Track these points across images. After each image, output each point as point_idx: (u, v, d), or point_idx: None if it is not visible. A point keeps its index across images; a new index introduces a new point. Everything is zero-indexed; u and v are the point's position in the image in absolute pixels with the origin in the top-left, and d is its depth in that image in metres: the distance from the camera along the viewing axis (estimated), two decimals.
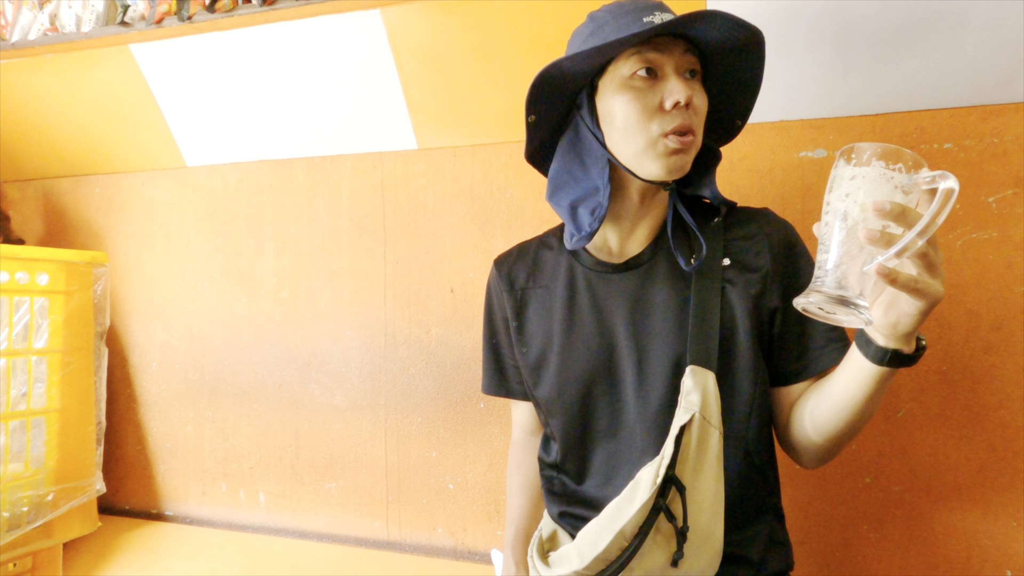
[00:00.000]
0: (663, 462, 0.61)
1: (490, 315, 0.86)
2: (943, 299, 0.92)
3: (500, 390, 0.87)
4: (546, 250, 0.82)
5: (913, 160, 0.45)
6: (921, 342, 0.53)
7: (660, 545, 0.62)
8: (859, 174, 0.46)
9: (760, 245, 0.70)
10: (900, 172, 0.45)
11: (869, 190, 0.46)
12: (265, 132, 1.32)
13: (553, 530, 0.78)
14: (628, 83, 0.66)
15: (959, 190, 0.43)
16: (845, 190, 0.47)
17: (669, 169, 0.66)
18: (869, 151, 0.46)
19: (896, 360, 0.52)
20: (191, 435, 1.43)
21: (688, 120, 0.65)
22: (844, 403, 0.59)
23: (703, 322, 0.67)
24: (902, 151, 0.46)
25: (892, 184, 0.45)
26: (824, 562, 1.01)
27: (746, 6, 0.93)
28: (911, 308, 0.47)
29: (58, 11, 1.30)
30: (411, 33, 1.10)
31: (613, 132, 0.68)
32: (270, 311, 1.36)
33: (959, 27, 0.87)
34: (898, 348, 0.51)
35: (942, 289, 0.46)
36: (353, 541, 1.29)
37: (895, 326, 0.49)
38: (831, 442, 0.64)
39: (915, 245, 0.43)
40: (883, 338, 0.51)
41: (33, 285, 1.19)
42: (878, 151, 0.46)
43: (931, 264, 0.45)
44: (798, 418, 0.68)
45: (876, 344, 0.52)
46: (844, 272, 0.47)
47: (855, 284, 0.47)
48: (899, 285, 0.44)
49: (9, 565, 1.11)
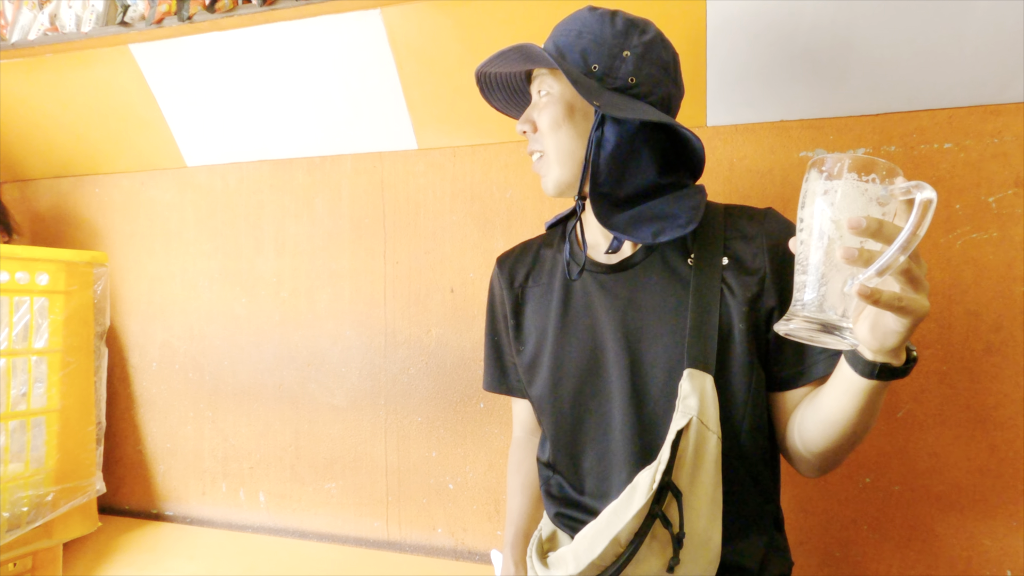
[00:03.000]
0: (659, 467, 0.60)
1: (492, 312, 0.86)
2: (943, 299, 0.93)
3: (501, 387, 0.87)
4: (547, 249, 0.83)
5: (887, 169, 0.43)
6: (912, 353, 0.51)
7: (656, 552, 0.61)
8: (831, 188, 0.44)
9: (759, 246, 0.69)
10: (874, 183, 0.43)
11: (843, 205, 0.44)
12: (265, 132, 1.32)
13: (552, 531, 0.78)
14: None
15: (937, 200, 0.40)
16: (819, 206, 0.45)
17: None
18: (840, 163, 0.44)
19: (886, 373, 0.50)
20: (191, 435, 1.43)
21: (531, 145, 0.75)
22: (835, 418, 0.57)
23: (701, 323, 0.66)
24: (875, 160, 0.43)
25: (867, 197, 0.43)
26: (824, 562, 1.01)
27: (747, 7, 0.93)
28: (897, 325, 0.45)
29: (58, 11, 1.30)
30: (411, 33, 1.10)
31: None
32: (270, 311, 1.36)
33: (959, 27, 0.87)
34: (887, 361, 0.50)
35: (927, 303, 0.44)
36: (353, 541, 1.29)
37: (882, 342, 0.48)
38: (821, 458, 0.63)
39: (896, 262, 0.41)
40: (871, 353, 0.50)
41: (33, 285, 1.19)
42: (848, 162, 0.44)
43: (914, 279, 0.44)
44: (792, 430, 0.67)
45: (864, 359, 0.51)
46: (824, 293, 0.45)
47: (837, 304, 0.45)
48: (882, 305, 0.43)
49: (9, 565, 1.11)
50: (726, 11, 0.94)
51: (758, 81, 0.97)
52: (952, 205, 0.94)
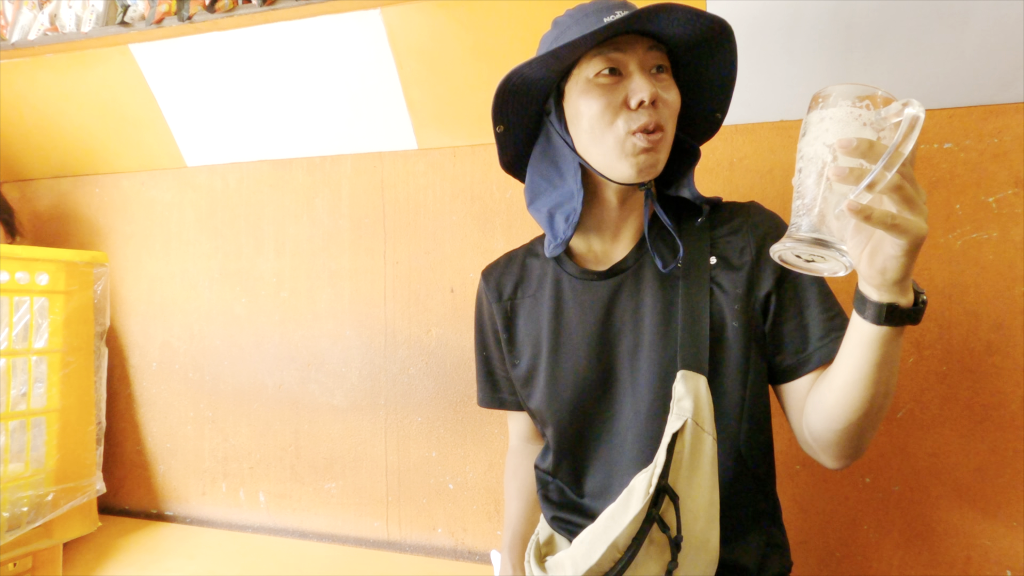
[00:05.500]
0: (655, 470, 0.60)
1: (480, 327, 0.85)
2: (943, 299, 0.93)
3: (494, 402, 0.86)
4: (533, 258, 0.81)
5: (883, 98, 0.44)
6: (921, 296, 0.50)
7: (654, 555, 0.61)
8: (827, 116, 0.46)
9: (746, 239, 0.69)
10: (868, 109, 0.44)
11: (836, 130, 0.45)
12: (265, 132, 1.32)
13: (550, 534, 0.78)
14: (592, 83, 0.65)
15: (924, 120, 0.41)
16: (814, 134, 0.46)
17: (639, 168, 0.64)
18: (836, 92, 0.45)
19: (896, 316, 0.49)
20: (191, 435, 1.43)
21: (655, 117, 0.63)
22: (852, 379, 0.54)
23: (692, 325, 0.66)
24: (871, 89, 0.44)
25: (860, 122, 0.44)
26: (824, 562, 1.01)
27: (747, 6, 0.93)
28: (895, 249, 0.45)
29: (58, 11, 1.30)
30: (411, 33, 1.10)
31: (581, 134, 0.67)
32: (270, 311, 1.36)
33: (959, 27, 0.87)
34: (894, 301, 0.48)
35: (924, 225, 0.44)
36: (353, 541, 1.29)
37: (883, 273, 0.47)
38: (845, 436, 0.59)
39: (884, 178, 0.42)
40: (876, 291, 0.49)
41: (33, 285, 1.19)
42: (844, 91, 0.45)
43: (908, 198, 0.43)
44: (809, 416, 0.64)
45: (871, 300, 0.49)
46: (819, 215, 0.46)
47: (832, 229, 0.46)
48: (874, 222, 0.43)
49: (9, 565, 1.11)
50: (726, 11, 0.93)
51: (758, 81, 0.97)
52: (952, 205, 0.94)
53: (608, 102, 0.64)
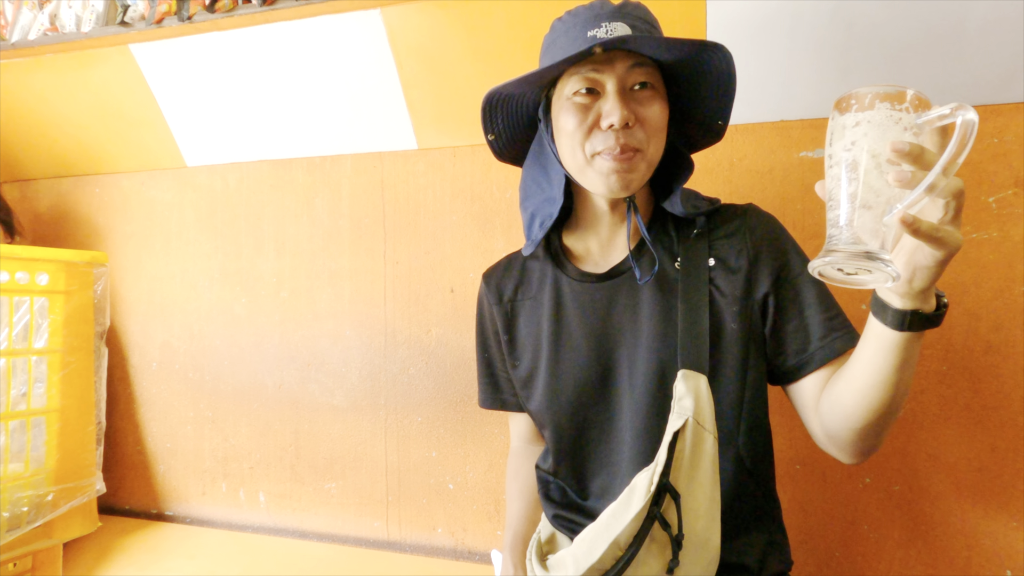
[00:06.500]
0: (657, 469, 0.60)
1: (482, 329, 0.86)
2: None
3: (496, 404, 0.87)
4: (533, 260, 0.81)
5: (918, 100, 0.42)
6: (942, 299, 0.49)
7: (655, 554, 0.61)
8: (863, 119, 0.42)
9: (743, 242, 0.69)
10: (908, 112, 0.42)
11: (876, 135, 0.42)
12: (265, 132, 1.32)
13: (551, 533, 0.78)
14: (570, 101, 0.66)
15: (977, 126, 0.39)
16: (850, 138, 0.43)
17: (610, 187, 0.65)
18: (871, 94, 0.42)
19: (918, 322, 0.48)
20: (191, 435, 1.43)
21: (626, 140, 0.63)
22: (872, 381, 0.54)
23: (692, 325, 0.67)
24: (904, 90, 0.42)
25: (901, 126, 0.42)
26: (824, 562, 1.01)
27: (746, 7, 0.93)
28: (929, 260, 0.44)
29: (58, 11, 1.30)
30: (411, 33, 1.10)
31: (562, 147, 0.68)
32: (270, 311, 1.36)
33: (959, 27, 0.87)
34: (917, 308, 0.47)
35: (961, 237, 0.43)
36: (353, 541, 1.29)
37: (911, 282, 0.46)
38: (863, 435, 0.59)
39: (940, 184, 0.40)
40: (899, 299, 0.48)
41: (33, 285, 1.19)
42: (880, 93, 0.42)
43: (957, 209, 0.42)
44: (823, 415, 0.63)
45: (893, 308, 0.48)
46: (860, 226, 0.43)
47: (873, 238, 0.43)
48: (921, 234, 0.41)
49: (9, 565, 1.11)
50: (726, 11, 0.94)
51: (758, 81, 0.97)
52: None
53: (580, 121, 0.65)
